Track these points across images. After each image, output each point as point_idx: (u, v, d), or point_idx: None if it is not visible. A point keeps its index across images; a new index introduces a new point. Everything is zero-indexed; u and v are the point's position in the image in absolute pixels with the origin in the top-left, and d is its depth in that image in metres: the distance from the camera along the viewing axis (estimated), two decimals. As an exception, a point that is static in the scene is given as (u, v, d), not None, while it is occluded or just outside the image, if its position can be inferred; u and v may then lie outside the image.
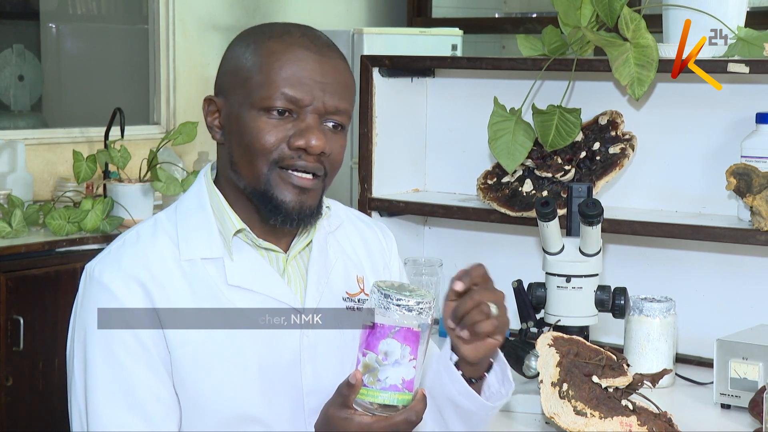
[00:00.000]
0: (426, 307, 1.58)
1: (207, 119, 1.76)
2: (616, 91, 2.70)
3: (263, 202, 1.70)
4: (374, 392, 1.58)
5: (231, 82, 1.73)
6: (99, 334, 1.67)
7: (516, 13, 6.77)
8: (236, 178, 1.72)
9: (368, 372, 1.57)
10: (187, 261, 1.71)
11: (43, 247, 3.79)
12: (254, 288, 1.72)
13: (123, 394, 1.66)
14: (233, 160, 1.72)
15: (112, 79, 5.44)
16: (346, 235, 1.87)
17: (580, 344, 2.10)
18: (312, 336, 1.75)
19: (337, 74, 1.72)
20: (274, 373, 1.72)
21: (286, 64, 1.68)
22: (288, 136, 1.68)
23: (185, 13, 5.16)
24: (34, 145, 4.55)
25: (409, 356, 1.57)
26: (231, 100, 1.72)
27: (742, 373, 2.25)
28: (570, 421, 2.00)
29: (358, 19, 5.96)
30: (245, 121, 1.69)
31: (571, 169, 2.58)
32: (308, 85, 1.68)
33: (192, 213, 1.75)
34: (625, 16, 2.46)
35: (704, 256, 2.65)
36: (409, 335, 1.57)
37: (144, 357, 1.67)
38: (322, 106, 1.69)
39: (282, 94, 1.67)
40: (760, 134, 2.44)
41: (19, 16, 5.41)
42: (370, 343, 1.57)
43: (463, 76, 2.92)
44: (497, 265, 2.90)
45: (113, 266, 1.69)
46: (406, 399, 1.58)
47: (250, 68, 1.70)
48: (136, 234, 1.75)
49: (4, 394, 3.64)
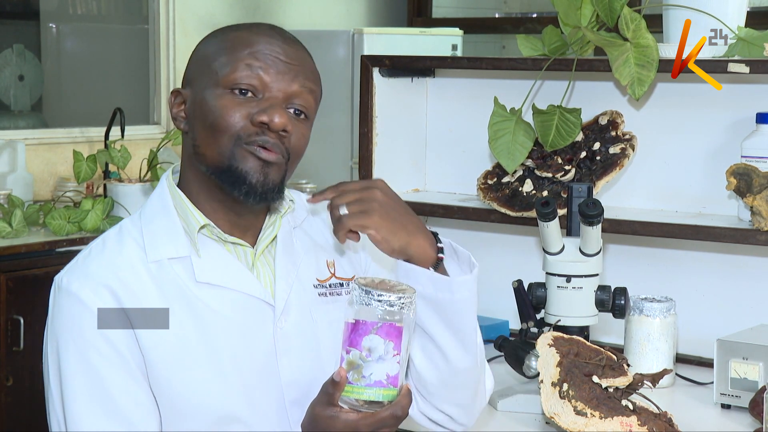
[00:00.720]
0: (408, 302, 1.58)
1: (172, 111, 1.77)
2: (616, 91, 2.70)
3: (227, 177, 1.69)
4: (359, 389, 1.57)
5: (197, 70, 1.75)
6: (72, 343, 1.66)
7: (516, 13, 6.77)
8: (199, 163, 1.72)
9: (352, 369, 1.57)
10: (154, 263, 1.71)
11: (43, 247, 3.80)
12: (223, 283, 1.72)
13: (101, 401, 1.65)
14: (196, 143, 1.72)
15: (113, 79, 5.44)
16: (313, 223, 1.87)
17: (581, 344, 2.10)
18: (285, 328, 1.75)
19: (301, 59, 1.75)
20: (250, 368, 1.72)
21: (251, 45, 1.72)
22: (251, 114, 1.69)
23: (185, 13, 5.16)
24: (35, 145, 4.55)
25: (393, 351, 1.57)
26: (196, 86, 1.74)
27: (743, 373, 2.25)
28: (570, 421, 2.00)
29: (358, 19, 5.96)
30: (210, 101, 1.70)
31: (572, 169, 2.58)
32: (272, 63, 1.71)
33: (156, 215, 1.75)
34: (626, 16, 2.46)
35: (704, 256, 2.65)
36: (391, 331, 1.57)
37: (119, 362, 1.66)
38: (286, 86, 1.71)
39: (246, 67, 1.70)
40: (760, 134, 2.44)
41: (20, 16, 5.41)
42: (353, 340, 1.57)
43: (464, 76, 2.92)
44: (497, 265, 2.91)
45: (81, 275, 1.70)
46: (392, 394, 1.58)
47: (215, 53, 1.73)
48: (102, 242, 1.75)
49: (4, 394, 3.64)
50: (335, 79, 5.02)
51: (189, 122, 1.75)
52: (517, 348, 2.37)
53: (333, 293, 1.82)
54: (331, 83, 5.03)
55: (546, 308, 2.37)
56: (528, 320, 2.40)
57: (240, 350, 1.71)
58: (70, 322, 1.67)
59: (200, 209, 1.74)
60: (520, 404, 2.30)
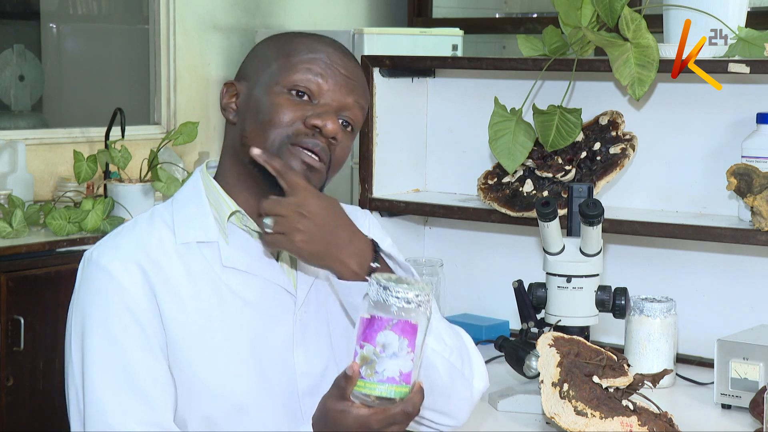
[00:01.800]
0: (425, 300, 1.58)
1: (223, 101, 1.80)
2: (616, 91, 2.70)
3: (268, 172, 1.69)
4: (372, 384, 1.57)
5: (254, 67, 1.79)
6: (98, 315, 1.69)
7: (516, 14, 6.77)
8: (243, 154, 1.74)
9: (366, 364, 1.57)
10: (183, 244, 1.74)
11: (43, 247, 3.79)
12: (249, 269, 1.76)
13: (121, 374, 1.67)
14: (245, 134, 1.75)
15: (113, 79, 5.44)
16: None
17: (581, 344, 2.10)
18: (304, 318, 1.79)
19: (358, 76, 1.79)
20: (267, 355, 1.75)
21: (314, 52, 1.76)
22: (305, 116, 1.73)
23: (186, 13, 5.16)
24: (35, 145, 4.55)
25: (407, 349, 1.56)
26: (252, 82, 1.78)
27: (743, 373, 2.25)
28: (570, 422, 2.00)
29: (358, 20, 5.96)
30: (265, 98, 1.74)
31: (572, 170, 2.58)
32: (332, 73, 1.75)
33: (188, 202, 1.79)
34: (626, 16, 2.46)
35: (705, 256, 2.65)
36: (407, 328, 1.56)
37: (141, 337, 1.69)
38: (342, 97, 1.75)
39: (307, 71, 1.74)
40: (760, 134, 2.44)
41: (20, 16, 5.41)
42: (368, 336, 1.57)
43: (464, 77, 2.92)
44: (498, 265, 2.91)
45: (111, 250, 1.73)
46: (404, 392, 1.58)
47: (276, 54, 1.77)
48: (134, 222, 1.79)
49: (4, 394, 3.64)
50: (335, 80, 5.02)
51: (239, 114, 1.78)
52: (517, 348, 2.37)
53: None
54: (331, 83, 5.06)
55: (546, 308, 2.37)
56: (528, 320, 2.40)
57: (259, 336, 1.74)
58: (97, 293, 1.70)
59: (233, 198, 1.77)
60: (520, 404, 2.30)
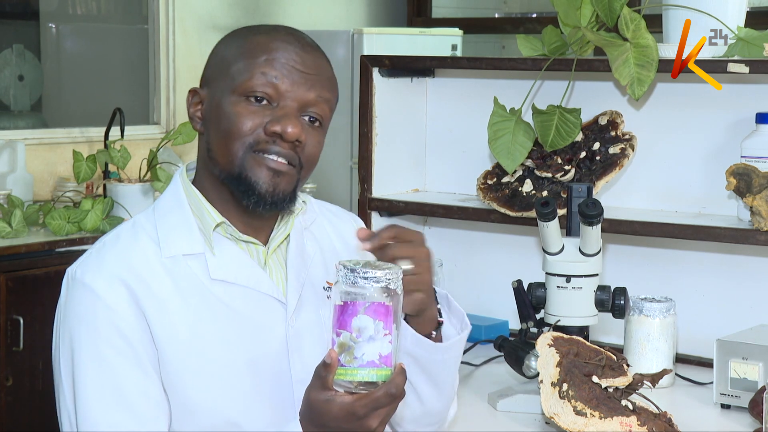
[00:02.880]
0: (394, 278, 1.57)
1: (189, 110, 1.78)
2: (616, 91, 2.70)
3: (237, 185, 1.71)
4: (353, 371, 1.56)
5: (214, 73, 1.76)
6: (86, 335, 1.67)
7: (516, 13, 6.77)
8: (212, 166, 1.74)
9: (344, 351, 1.56)
10: (168, 258, 1.71)
11: (43, 247, 3.79)
12: (237, 281, 1.73)
13: (112, 394, 1.65)
14: (210, 147, 1.74)
15: (112, 79, 5.44)
16: (322, 228, 1.89)
17: (580, 344, 2.10)
18: (297, 326, 1.77)
19: (318, 67, 1.74)
20: (262, 365, 1.73)
21: (268, 52, 1.72)
22: (265, 122, 1.70)
23: (185, 13, 5.16)
24: (34, 145, 4.55)
25: (383, 331, 1.56)
26: (213, 88, 1.75)
27: (742, 373, 2.25)
28: (570, 421, 2.00)
29: (358, 19, 5.96)
30: (225, 106, 1.71)
31: (571, 169, 2.58)
32: (288, 72, 1.71)
33: (170, 212, 1.76)
34: (625, 16, 2.46)
35: (704, 256, 2.66)
36: (380, 309, 1.56)
37: (132, 356, 1.67)
38: (301, 95, 1.71)
39: (262, 75, 1.70)
40: (760, 134, 2.44)
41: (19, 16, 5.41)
42: (343, 322, 1.56)
43: (463, 76, 2.92)
44: (497, 265, 2.91)
45: (95, 267, 1.70)
46: (385, 374, 1.57)
47: (233, 57, 1.73)
48: (116, 236, 1.75)
49: (4, 394, 3.64)
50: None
51: (205, 124, 1.76)
52: (516, 348, 2.37)
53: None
54: (330, 83, 5.06)
55: (546, 308, 2.37)
56: (528, 320, 2.40)
57: (253, 347, 1.73)
58: (83, 313, 1.68)
59: (215, 207, 1.75)
60: (519, 404, 2.30)
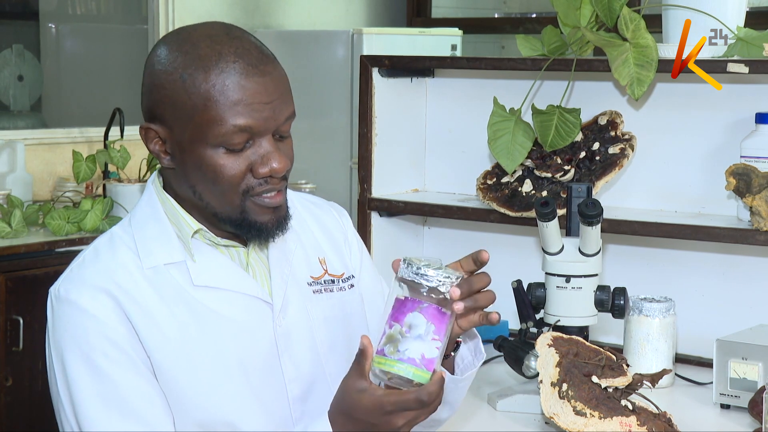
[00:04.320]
0: (445, 281, 1.58)
1: (149, 146, 1.72)
2: (615, 91, 2.70)
3: (242, 228, 1.71)
4: (391, 362, 1.56)
5: (172, 115, 1.68)
6: (78, 351, 1.65)
7: (515, 14, 6.77)
8: (203, 204, 1.71)
9: (390, 342, 1.56)
10: (150, 269, 1.70)
11: (42, 248, 3.79)
12: (221, 285, 1.73)
13: (115, 404, 1.64)
14: (196, 190, 1.70)
15: (112, 80, 5.44)
16: (302, 221, 1.88)
17: (580, 344, 2.10)
18: (285, 325, 1.76)
19: (278, 85, 1.69)
20: (254, 367, 1.72)
21: (231, 94, 1.64)
22: (250, 165, 1.68)
23: (184, 14, 5.16)
24: (34, 145, 4.55)
25: (433, 335, 1.56)
26: (177, 132, 1.68)
27: (742, 373, 2.25)
28: (569, 422, 2.00)
29: (357, 19, 5.96)
30: (203, 157, 1.67)
31: (571, 169, 2.58)
32: (258, 111, 1.66)
33: (147, 222, 1.74)
34: (625, 16, 2.46)
35: (704, 256, 2.65)
36: (436, 314, 1.57)
37: (128, 363, 1.66)
38: (273, 126, 1.68)
39: (235, 127, 1.64)
40: (759, 134, 2.44)
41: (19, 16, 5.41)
42: (397, 316, 1.57)
43: (463, 77, 2.92)
44: (497, 265, 2.90)
45: (78, 283, 1.69)
46: (423, 376, 1.56)
47: (194, 106, 1.65)
48: (95, 250, 1.74)
49: (3, 395, 3.64)
50: (334, 80, 5.02)
51: (175, 161, 1.71)
52: (516, 348, 2.37)
53: (327, 289, 1.84)
54: (330, 83, 5.06)
55: (545, 308, 2.37)
56: (527, 320, 2.40)
57: (243, 350, 1.72)
58: (72, 330, 1.66)
59: (191, 214, 1.74)
60: (519, 404, 2.30)
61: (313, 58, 5.07)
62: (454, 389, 1.80)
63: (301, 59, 5.03)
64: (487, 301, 1.68)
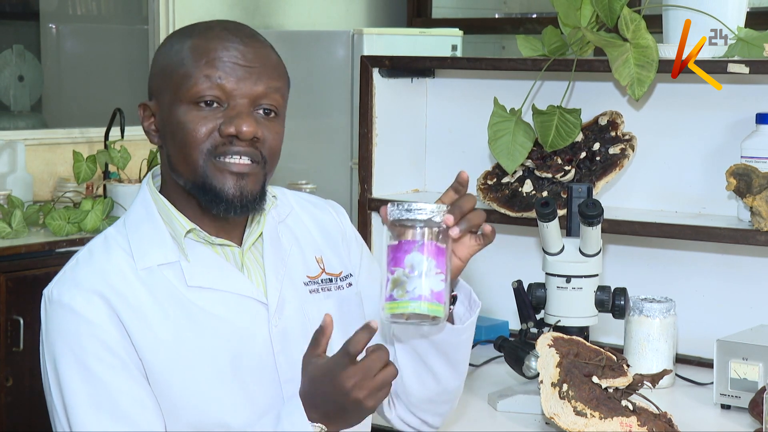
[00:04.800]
0: (438, 211, 1.60)
1: (143, 124, 1.75)
2: (616, 92, 2.70)
3: (204, 194, 1.69)
4: (404, 303, 1.58)
5: (159, 84, 1.73)
6: (70, 354, 1.65)
7: (516, 14, 6.77)
8: (177, 177, 1.72)
9: (397, 287, 1.58)
10: (144, 270, 1.70)
11: (43, 248, 3.80)
12: (215, 286, 1.72)
13: (107, 407, 1.64)
14: (171, 159, 1.72)
15: (112, 80, 5.44)
16: (299, 220, 1.87)
17: (580, 345, 2.10)
18: (280, 325, 1.75)
19: (262, 58, 1.71)
20: (249, 368, 1.72)
21: (209, 53, 1.68)
22: (218, 125, 1.68)
23: (185, 14, 5.16)
24: (34, 145, 4.55)
25: (436, 269, 1.58)
26: (161, 101, 1.72)
27: (742, 373, 2.25)
28: (570, 422, 2.00)
29: (358, 20, 5.96)
30: (177, 117, 1.69)
31: (571, 170, 2.58)
32: (232, 69, 1.67)
33: (141, 222, 1.74)
34: (625, 17, 2.46)
35: (704, 256, 2.66)
36: (432, 249, 1.58)
37: (120, 366, 1.65)
38: (249, 90, 1.68)
39: (206, 78, 1.67)
40: (760, 134, 2.44)
41: (19, 16, 5.41)
42: (396, 259, 1.58)
43: (463, 77, 2.92)
44: (497, 266, 2.91)
45: (71, 286, 1.69)
46: (437, 309, 1.58)
47: (173, 65, 1.70)
48: (89, 251, 1.74)
49: (4, 395, 3.64)
50: (335, 80, 5.02)
51: (161, 137, 1.74)
52: (516, 348, 2.37)
53: (324, 289, 1.83)
54: (330, 84, 5.06)
55: (546, 309, 2.37)
56: (528, 321, 2.40)
57: (237, 350, 1.71)
58: (65, 333, 1.66)
59: (184, 214, 1.74)
60: (519, 405, 2.30)
61: (313, 59, 5.06)
62: (456, 344, 1.78)
63: (301, 59, 5.03)
64: (479, 219, 1.67)
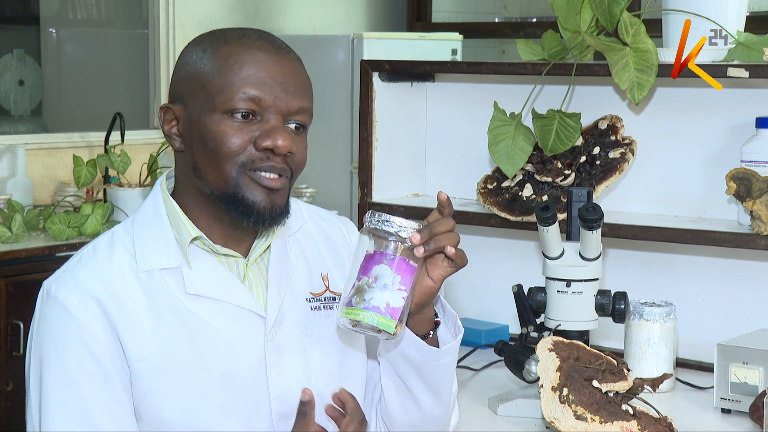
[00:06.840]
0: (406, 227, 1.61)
1: (164, 128, 1.74)
2: (615, 96, 2.70)
3: (233, 205, 1.68)
4: (357, 311, 1.60)
5: (188, 89, 1.71)
6: (55, 353, 1.65)
7: (516, 18, 6.77)
8: (201, 184, 1.70)
9: (357, 294, 1.60)
10: (144, 272, 1.69)
11: (43, 252, 3.80)
12: (214, 295, 1.71)
13: (76, 412, 1.64)
14: (197, 166, 1.70)
15: (112, 84, 5.45)
16: (308, 234, 1.86)
17: (581, 349, 2.10)
18: (276, 340, 1.74)
19: (296, 74, 1.71)
20: (239, 381, 1.70)
21: (246, 66, 1.67)
22: (254, 138, 1.67)
23: (185, 18, 5.17)
24: (35, 149, 4.55)
25: (399, 285, 1.59)
26: (190, 106, 1.70)
27: (743, 377, 2.25)
28: (570, 426, 2.00)
29: (358, 24, 5.97)
30: (208, 126, 1.67)
31: (571, 174, 2.58)
32: (269, 85, 1.67)
33: (148, 224, 1.74)
34: (625, 21, 2.46)
35: (704, 260, 2.65)
36: (402, 265, 1.60)
37: (100, 375, 1.65)
38: (285, 106, 1.69)
39: (244, 93, 1.66)
40: (759, 139, 2.44)
41: (20, 20, 5.41)
42: (367, 268, 1.61)
43: (463, 81, 2.92)
44: (497, 270, 2.91)
45: (69, 283, 1.68)
46: (387, 324, 1.59)
47: (208, 73, 1.68)
48: (93, 249, 1.73)
49: (4, 399, 3.64)
50: (335, 84, 5.03)
51: (185, 141, 1.72)
52: (517, 352, 2.37)
53: (326, 307, 1.81)
54: (330, 88, 5.06)
55: (546, 313, 2.37)
56: (528, 325, 2.40)
57: (229, 363, 1.70)
58: (54, 330, 1.66)
59: (194, 221, 1.72)
60: (520, 409, 2.30)
61: (313, 63, 5.07)
62: (435, 367, 1.77)
63: (301, 64, 5.03)
64: (447, 241, 1.65)
